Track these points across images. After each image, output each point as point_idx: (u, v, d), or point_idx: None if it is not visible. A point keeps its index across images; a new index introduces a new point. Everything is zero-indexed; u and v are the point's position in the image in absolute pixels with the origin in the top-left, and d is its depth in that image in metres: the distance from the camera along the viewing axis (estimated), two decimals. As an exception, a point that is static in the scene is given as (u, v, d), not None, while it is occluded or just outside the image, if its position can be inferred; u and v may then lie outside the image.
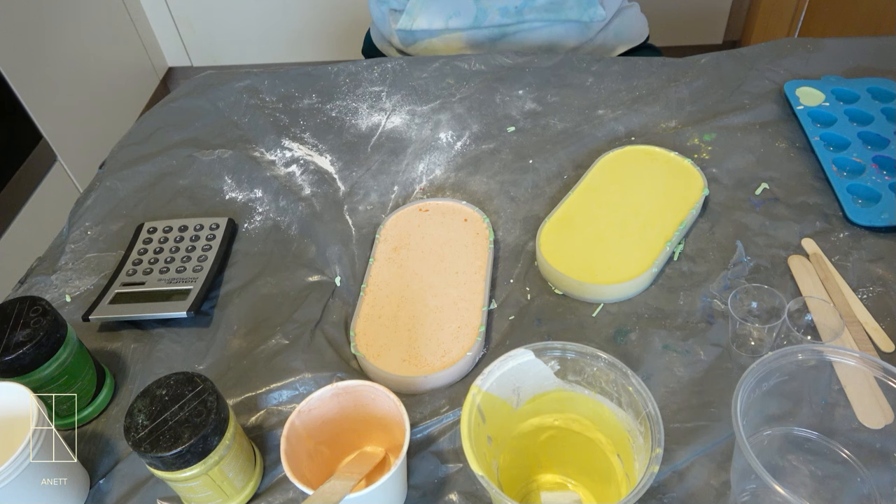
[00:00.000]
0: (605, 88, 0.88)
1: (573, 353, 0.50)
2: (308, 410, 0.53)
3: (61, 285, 0.74)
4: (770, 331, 0.59)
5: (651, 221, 0.69)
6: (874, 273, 0.64)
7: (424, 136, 0.85)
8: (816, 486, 0.52)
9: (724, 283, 0.65)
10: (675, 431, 0.55)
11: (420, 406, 0.59)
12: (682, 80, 0.87)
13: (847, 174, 0.73)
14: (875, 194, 0.70)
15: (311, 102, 0.93)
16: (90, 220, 0.81)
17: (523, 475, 0.55)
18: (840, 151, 0.75)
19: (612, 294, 0.65)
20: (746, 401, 0.48)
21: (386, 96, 0.92)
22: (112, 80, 2.03)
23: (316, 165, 0.83)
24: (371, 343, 0.63)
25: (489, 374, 0.50)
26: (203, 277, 0.69)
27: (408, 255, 0.71)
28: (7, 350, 0.54)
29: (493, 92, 0.89)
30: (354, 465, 0.55)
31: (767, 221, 0.70)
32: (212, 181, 0.83)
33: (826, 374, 0.52)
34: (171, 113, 0.94)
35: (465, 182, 0.79)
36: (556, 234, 0.69)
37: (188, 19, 2.21)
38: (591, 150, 0.80)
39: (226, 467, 0.51)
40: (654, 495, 0.52)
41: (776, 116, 0.81)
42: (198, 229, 0.75)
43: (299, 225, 0.77)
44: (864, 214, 0.68)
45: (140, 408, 0.49)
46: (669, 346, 0.61)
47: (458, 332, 0.63)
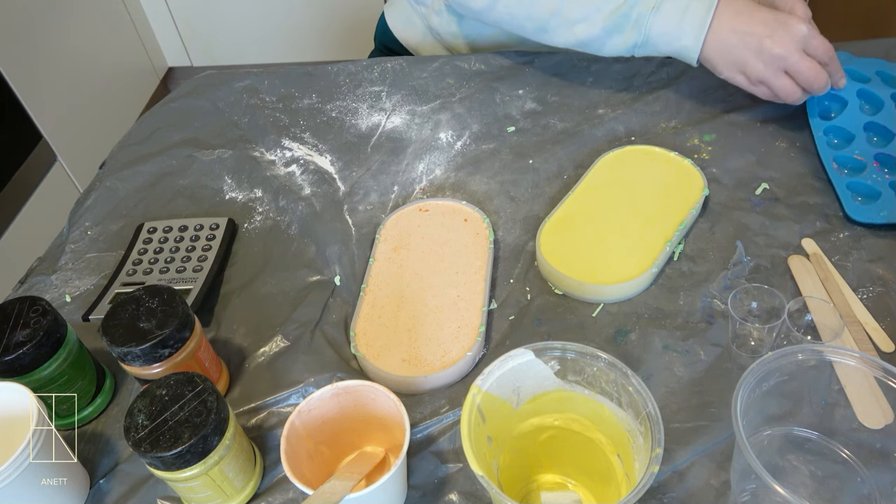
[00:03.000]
0: (605, 88, 0.88)
1: (573, 353, 0.50)
2: (308, 410, 0.53)
3: (61, 285, 0.74)
4: (770, 331, 0.59)
5: (651, 221, 0.69)
6: (874, 273, 0.64)
7: (424, 136, 0.85)
8: (816, 486, 0.52)
9: (724, 283, 0.65)
10: (675, 431, 0.55)
11: (420, 406, 0.59)
12: (682, 80, 0.87)
13: (848, 172, 0.73)
14: (875, 192, 0.70)
15: (311, 102, 0.93)
16: (90, 220, 0.81)
17: (523, 475, 0.55)
18: (843, 148, 0.74)
19: (612, 294, 0.65)
20: (746, 401, 0.48)
21: (386, 96, 0.92)
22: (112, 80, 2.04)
23: (316, 165, 0.83)
24: (371, 343, 0.63)
25: (489, 374, 0.50)
26: (203, 277, 0.69)
27: (408, 255, 0.71)
28: (7, 350, 0.54)
29: (493, 92, 0.89)
30: (354, 465, 0.55)
31: (767, 221, 0.70)
32: (212, 181, 0.83)
33: (826, 374, 0.52)
34: (171, 113, 0.94)
35: (465, 182, 0.79)
36: (556, 234, 0.69)
37: (188, 19, 2.21)
38: (591, 150, 0.80)
39: (226, 467, 0.51)
40: (654, 495, 0.52)
41: (776, 116, 0.81)
42: (198, 229, 0.75)
43: (299, 225, 0.77)
44: (863, 212, 0.68)
45: (140, 408, 0.49)
46: (669, 346, 0.61)
47: (458, 332, 0.63)
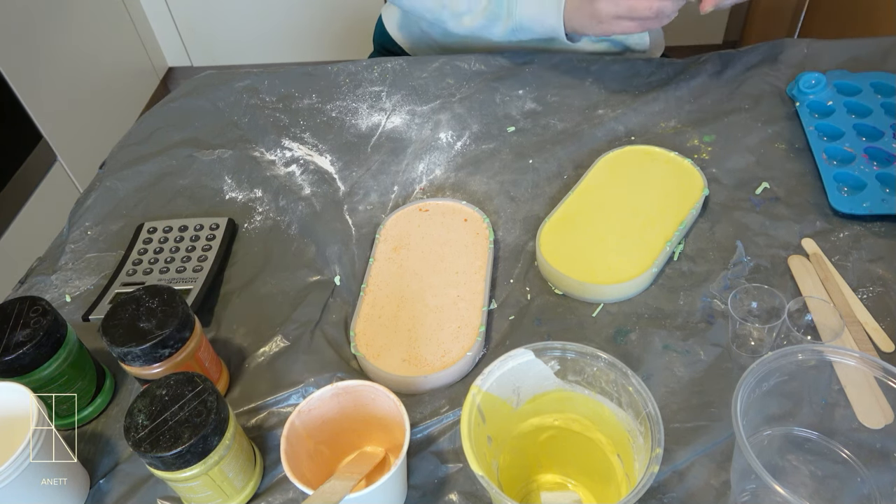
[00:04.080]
0: (605, 88, 0.88)
1: (573, 353, 0.50)
2: (308, 410, 0.53)
3: (61, 285, 0.74)
4: (770, 331, 0.59)
5: (651, 221, 0.69)
6: (874, 273, 0.64)
7: (424, 136, 0.85)
8: (816, 486, 0.52)
9: (724, 283, 0.65)
10: (675, 431, 0.55)
11: (420, 406, 0.59)
12: (682, 80, 0.87)
13: (837, 163, 0.73)
14: (861, 183, 0.70)
15: (311, 102, 0.93)
16: (90, 220, 0.81)
17: (523, 475, 0.55)
18: (833, 141, 0.75)
19: (612, 294, 0.65)
20: (746, 401, 0.48)
21: (386, 96, 0.92)
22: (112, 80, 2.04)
23: (316, 165, 0.83)
24: (371, 343, 0.63)
25: (489, 374, 0.50)
26: (203, 277, 0.69)
27: (408, 255, 0.71)
28: (7, 350, 0.54)
29: (493, 92, 0.89)
30: (354, 465, 0.55)
31: (767, 221, 0.70)
32: (212, 181, 0.83)
33: (826, 374, 0.52)
34: (171, 113, 0.94)
35: (465, 182, 0.79)
36: (556, 234, 0.69)
37: (188, 19, 2.21)
38: (591, 150, 0.80)
39: (226, 467, 0.51)
40: (654, 495, 0.52)
41: (776, 116, 0.81)
42: (198, 229, 0.75)
43: (299, 225, 0.77)
44: (846, 202, 0.69)
45: (140, 408, 0.49)
46: (669, 346, 0.61)
47: (458, 332, 0.63)
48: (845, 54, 0.87)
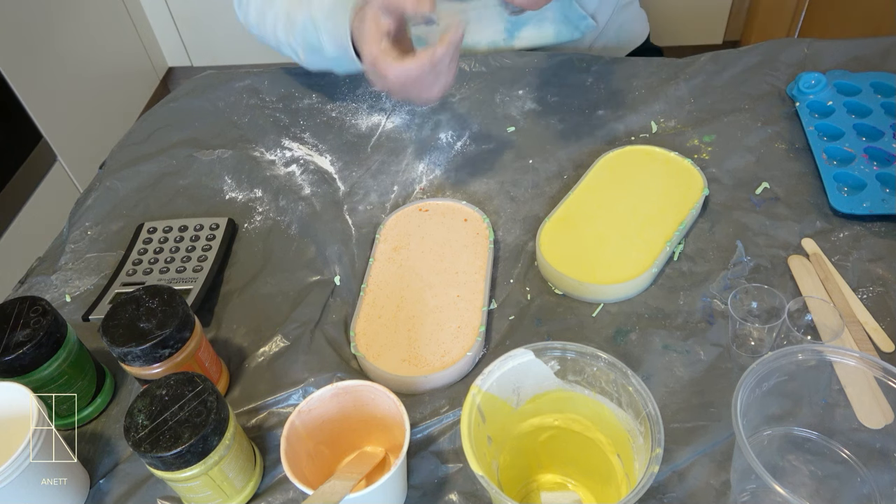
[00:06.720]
0: (605, 88, 0.88)
1: (573, 353, 0.50)
2: (308, 410, 0.53)
3: (61, 285, 0.74)
4: (770, 331, 0.59)
5: (651, 221, 0.69)
6: (874, 273, 0.64)
7: (424, 136, 0.85)
8: (816, 486, 0.52)
9: (724, 283, 0.65)
10: (675, 431, 0.55)
11: (420, 406, 0.59)
12: (681, 80, 0.87)
13: (837, 163, 0.73)
14: (861, 183, 0.70)
15: (311, 102, 0.93)
16: (90, 220, 0.81)
17: (523, 475, 0.55)
18: (833, 141, 0.75)
19: (612, 294, 0.65)
20: (746, 401, 0.48)
21: (386, 96, 0.92)
22: (112, 80, 2.04)
23: (316, 165, 0.83)
24: (371, 343, 0.63)
25: (489, 374, 0.50)
26: (203, 277, 0.69)
27: (408, 255, 0.71)
28: (7, 350, 0.54)
29: (493, 92, 0.89)
30: (354, 465, 0.55)
31: (767, 221, 0.70)
32: (212, 181, 0.83)
33: (826, 374, 0.52)
34: (171, 113, 0.94)
35: (465, 182, 0.79)
36: (556, 234, 0.69)
37: (188, 19, 2.21)
38: (591, 150, 0.80)
39: (226, 467, 0.51)
40: (654, 495, 0.52)
41: (776, 116, 0.81)
42: (198, 229, 0.75)
43: (299, 225, 0.77)
44: (846, 202, 0.69)
45: (140, 408, 0.49)
46: (669, 346, 0.61)
47: (458, 332, 0.63)
48: (845, 54, 0.87)
